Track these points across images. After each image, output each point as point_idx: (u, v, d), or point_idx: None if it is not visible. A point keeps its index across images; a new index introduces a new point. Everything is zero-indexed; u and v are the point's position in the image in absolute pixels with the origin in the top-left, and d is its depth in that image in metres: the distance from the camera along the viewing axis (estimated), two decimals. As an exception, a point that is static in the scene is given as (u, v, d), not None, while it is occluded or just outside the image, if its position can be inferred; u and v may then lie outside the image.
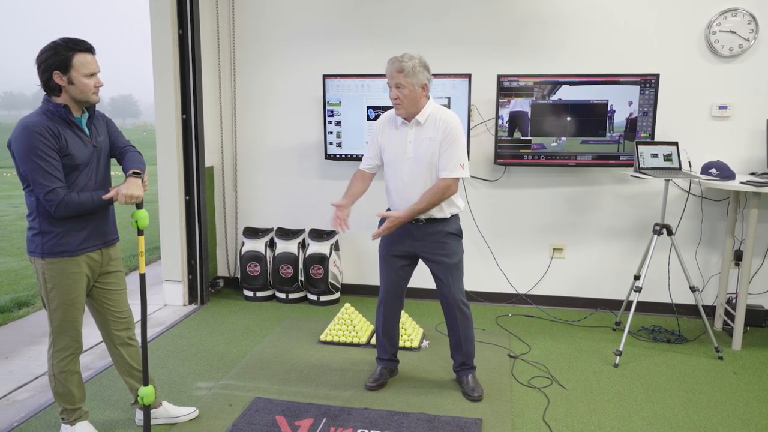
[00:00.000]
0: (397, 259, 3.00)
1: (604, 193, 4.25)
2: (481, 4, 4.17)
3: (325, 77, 4.27)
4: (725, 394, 3.08)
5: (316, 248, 4.38)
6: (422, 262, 3.01)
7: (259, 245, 4.47)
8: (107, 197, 2.33)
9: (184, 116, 4.25)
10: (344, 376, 3.23)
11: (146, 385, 2.49)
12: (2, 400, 3.00)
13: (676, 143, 3.69)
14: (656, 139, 3.97)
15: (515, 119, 4.07)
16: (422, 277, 3.44)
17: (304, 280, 4.45)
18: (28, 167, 2.21)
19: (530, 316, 4.24)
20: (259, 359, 3.44)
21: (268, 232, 4.59)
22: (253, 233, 4.56)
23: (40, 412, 2.83)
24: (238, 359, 3.45)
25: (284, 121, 4.58)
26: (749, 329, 3.93)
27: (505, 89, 4.04)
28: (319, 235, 4.46)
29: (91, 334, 2.86)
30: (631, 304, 3.58)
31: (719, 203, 4.10)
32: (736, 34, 3.88)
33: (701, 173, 3.75)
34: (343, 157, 4.38)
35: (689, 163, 3.83)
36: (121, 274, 2.57)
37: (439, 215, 2.88)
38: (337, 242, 4.48)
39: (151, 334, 3.79)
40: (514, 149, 4.12)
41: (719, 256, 4.15)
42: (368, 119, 4.28)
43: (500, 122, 4.08)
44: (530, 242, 4.40)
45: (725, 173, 3.63)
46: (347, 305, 3.88)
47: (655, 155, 3.65)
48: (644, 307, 4.24)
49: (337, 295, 4.51)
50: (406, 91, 2.75)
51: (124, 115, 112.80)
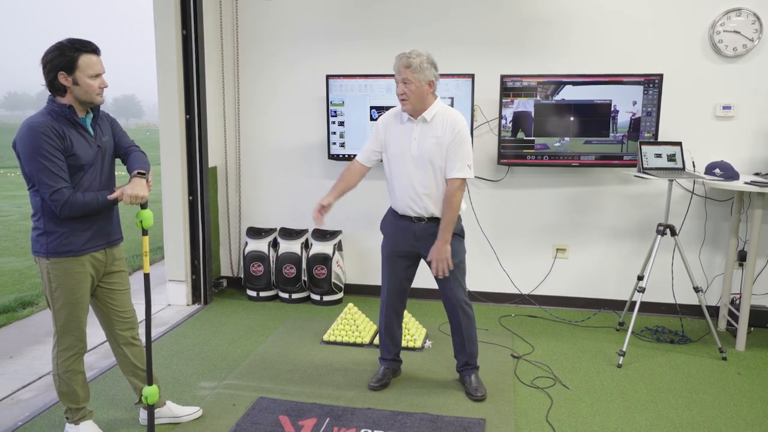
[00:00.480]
0: (399, 259, 3.01)
1: (607, 193, 4.24)
2: (484, 4, 4.17)
3: (328, 77, 4.28)
4: (729, 394, 3.08)
5: (319, 248, 4.38)
6: (423, 262, 3.01)
7: (262, 245, 4.48)
8: (112, 197, 2.33)
9: (187, 116, 4.26)
10: (347, 376, 3.24)
11: (150, 384, 2.49)
12: (7, 399, 3.01)
13: (679, 143, 3.68)
14: (660, 139, 3.96)
15: (518, 119, 4.07)
16: (425, 277, 3.45)
17: (307, 280, 4.46)
18: (33, 168, 2.22)
19: (533, 316, 4.24)
20: (262, 359, 3.45)
21: (271, 232, 4.60)
22: (256, 233, 4.57)
23: (44, 411, 2.84)
24: (241, 359, 3.46)
25: (287, 121, 4.59)
26: (753, 330, 3.92)
27: (508, 89, 4.04)
28: (322, 235, 4.47)
29: (95, 333, 2.87)
30: (634, 304, 3.57)
31: (723, 203, 4.09)
32: (740, 34, 3.87)
33: (705, 173, 3.74)
34: (346, 157, 4.38)
35: (693, 163, 3.83)
36: (124, 273, 2.58)
37: (440, 214, 2.88)
38: (340, 242, 4.49)
39: (154, 334, 3.79)
40: (517, 149, 4.11)
41: (723, 256, 4.14)
42: (371, 119, 4.28)
43: (503, 122, 4.08)
44: (533, 242, 4.39)
45: (729, 173, 3.62)
46: (350, 305, 3.88)
47: (658, 155, 3.64)
48: (648, 307, 4.24)
49: (340, 295, 4.51)
50: (412, 86, 2.75)
51: (127, 115, 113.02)
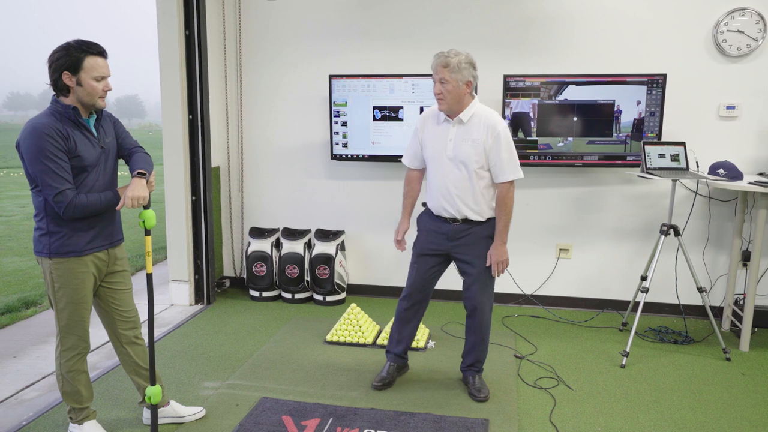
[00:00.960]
0: (428, 258, 2.98)
1: (610, 193, 4.23)
2: (487, 4, 4.17)
3: (331, 77, 4.27)
4: (733, 395, 3.07)
5: (321, 248, 4.38)
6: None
7: (265, 245, 4.48)
8: (119, 208, 2.37)
9: (190, 116, 4.26)
10: (350, 376, 3.24)
11: (154, 384, 2.50)
12: (10, 399, 3.01)
13: (683, 143, 3.67)
14: (663, 139, 3.95)
15: (518, 119, 4.06)
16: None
17: (310, 280, 4.46)
18: (37, 169, 2.22)
19: (536, 316, 4.23)
20: (265, 359, 3.45)
21: (274, 232, 4.60)
22: (259, 233, 4.57)
23: (48, 411, 2.84)
24: (244, 359, 3.46)
25: (290, 121, 4.59)
26: (757, 330, 3.91)
27: (511, 89, 4.03)
28: (324, 235, 4.47)
29: (98, 333, 2.87)
30: (638, 304, 3.56)
31: (727, 204, 4.08)
32: (744, 33, 3.86)
33: (709, 173, 3.73)
34: (349, 157, 4.38)
35: (696, 163, 3.82)
36: (127, 273, 2.58)
37: (475, 217, 2.85)
38: (342, 242, 4.48)
39: (157, 333, 3.80)
40: (520, 149, 4.08)
41: (727, 256, 4.13)
42: (374, 119, 4.28)
43: (506, 122, 4.07)
44: (536, 242, 4.39)
45: (733, 173, 3.61)
46: (353, 305, 3.88)
47: (662, 155, 3.63)
48: (651, 307, 4.23)
49: (343, 295, 4.51)
50: (449, 86, 2.71)
51: (129, 115, 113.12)
